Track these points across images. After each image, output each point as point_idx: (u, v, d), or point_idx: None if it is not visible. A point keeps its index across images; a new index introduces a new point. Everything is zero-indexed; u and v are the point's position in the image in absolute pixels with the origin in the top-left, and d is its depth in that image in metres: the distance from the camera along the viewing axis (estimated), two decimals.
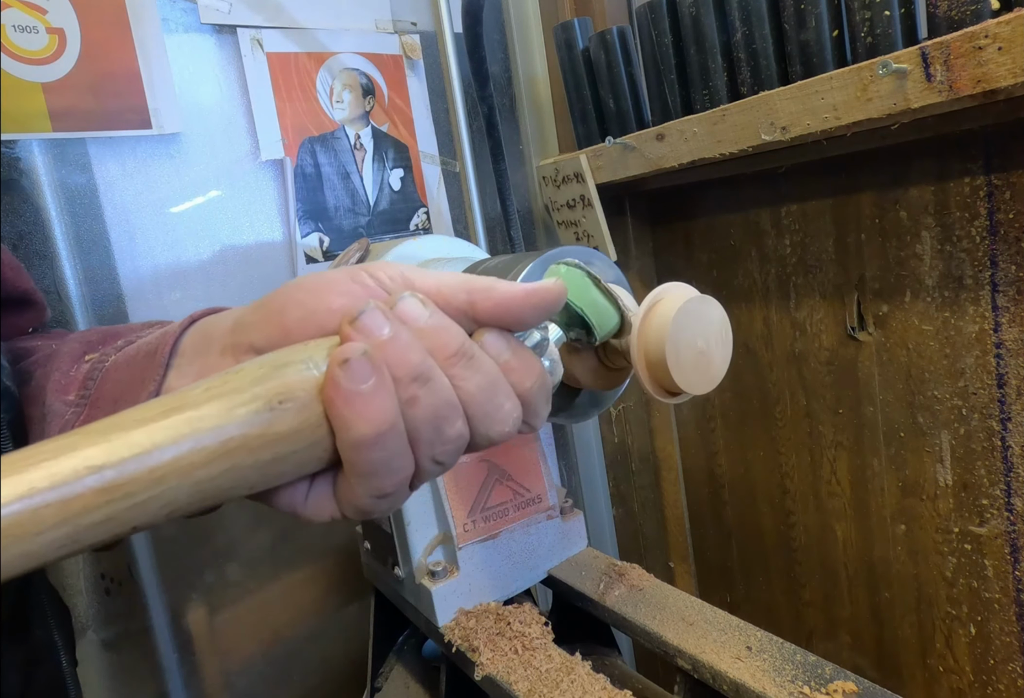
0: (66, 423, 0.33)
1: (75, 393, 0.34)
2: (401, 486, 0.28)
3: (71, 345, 0.37)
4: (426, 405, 0.27)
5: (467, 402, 0.28)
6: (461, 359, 0.27)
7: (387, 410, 0.25)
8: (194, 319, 0.33)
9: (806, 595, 0.91)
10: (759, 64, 0.68)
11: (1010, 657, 0.70)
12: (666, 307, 0.38)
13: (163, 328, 0.35)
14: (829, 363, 0.80)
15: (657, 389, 0.40)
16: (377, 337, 0.26)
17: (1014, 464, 0.66)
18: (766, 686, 0.46)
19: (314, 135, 0.86)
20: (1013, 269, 0.62)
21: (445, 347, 0.27)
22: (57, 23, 0.68)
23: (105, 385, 0.34)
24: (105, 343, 0.37)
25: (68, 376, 0.35)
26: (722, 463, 0.98)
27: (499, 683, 0.53)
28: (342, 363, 0.25)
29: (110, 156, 0.73)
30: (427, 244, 0.63)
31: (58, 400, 0.34)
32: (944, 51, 0.52)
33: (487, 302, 0.28)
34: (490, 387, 0.28)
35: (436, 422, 0.27)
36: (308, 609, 0.89)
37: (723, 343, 0.41)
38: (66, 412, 0.33)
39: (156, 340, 0.33)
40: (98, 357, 0.35)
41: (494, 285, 0.29)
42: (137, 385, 0.32)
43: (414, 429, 0.27)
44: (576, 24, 0.87)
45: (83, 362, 0.35)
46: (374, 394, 0.25)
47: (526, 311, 0.29)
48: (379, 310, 0.26)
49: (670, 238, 0.96)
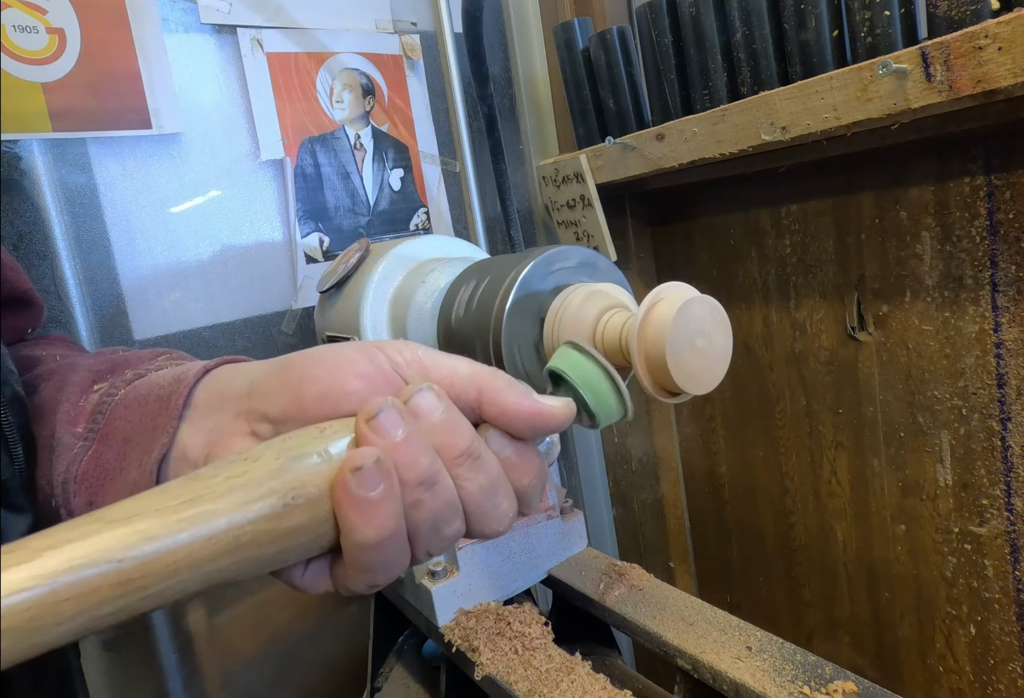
0: (74, 457, 0.33)
1: (83, 425, 0.34)
2: (395, 576, 0.29)
3: (80, 374, 0.37)
4: (429, 508, 0.28)
5: (467, 502, 0.29)
6: (467, 459, 0.28)
7: (393, 516, 0.26)
8: (208, 369, 0.33)
9: (806, 595, 0.91)
10: (759, 64, 0.68)
11: (1010, 657, 0.70)
12: (666, 307, 0.38)
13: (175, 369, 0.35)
14: (829, 363, 0.80)
15: (657, 389, 0.40)
16: (391, 439, 0.26)
17: (1014, 464, 0.66)
18: (766, 686, 0.46)
19: (314, 135, 0.86)
20: (1013, 269, 0.62)
21: (453, 446, 0.28)
22: (57, 23, 0.68)
23: (114, 421, 0.34)
24: (114, 372, 0.37)
25: (77, 407, 0.35)
26: (722, 463, 0.98)
27: (499, 683, 0.53)
28: (354, 470, 0.25)
29: (110, 156, 0.73)
30: (427, 244, 0.63)
31: (67, 432, 0.34)
32: (944, 51, 0.52)
33: (492, 408, 0.29)
34: (491, 487, 0.29)
35: (436, 523, 0.28)
36: (308, 609, 0.89)
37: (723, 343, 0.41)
38: (75, 445, 0.34)
39: (169, 385, 0.33)
40: (107, 388, 0.36)
41: (503, 392, 0.29)
42: (148, 431, 0.32)
43: (414, 529, 0.28)
44: (576, 24, 0.87)
45: (92, 392, 0.36)
46: (382, 501, 0.26)
47: (526, 429, 0.30)
48: (396, 410, 0.27)
49: (670, 238, 0.96)
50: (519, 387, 0.30)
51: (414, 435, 0.27)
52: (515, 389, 0.29)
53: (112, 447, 0.33)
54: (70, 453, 0.33)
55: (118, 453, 0.33)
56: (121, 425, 0.34)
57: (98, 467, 0.33)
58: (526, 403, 0.29)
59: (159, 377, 0.35)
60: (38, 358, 0.44)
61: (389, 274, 0.60)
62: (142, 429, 0.32)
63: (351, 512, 0.25)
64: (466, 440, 0.28)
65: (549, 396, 0.30)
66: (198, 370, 0.33)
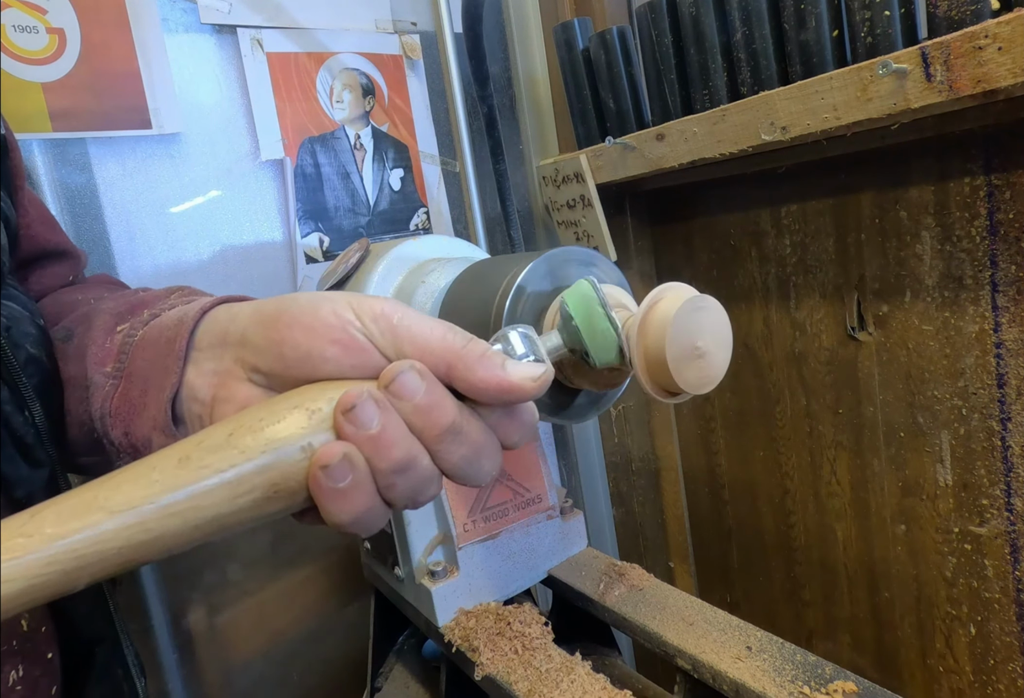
0: (106, 394, 0.37)
1: (111, 365, 0.38)
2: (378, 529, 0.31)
3: (103, 317, 0.40)
4: (403, 488, 0.29)
5: (448, 470, 0.30)
6: (448, 435, 0.29)
7: (364, 501, 0.28)
8: (204, 310, 0.36)
9: (806, 595, 0.91)
10: (759, 64, 0.68)
11: (1010, 657, 0.70)
12: (666, 307, 0.38)
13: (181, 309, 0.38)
14: (829, 363, 0.80)
15: (657, 389, 0.40)
16: (365, 432, 0.28)
17: (1014, 464, 0.66)
18: (766, 686, 0.46)
19: (314, 135, 0.86)
20: (1013, 269, 0.62)
21: (436, 425, 0.29)
22: (57, 23, 0.68)
23: (135, 361, 0.37)
24: (133, 313, 0.40)
25: (104, 348, 0.39)
26: (722, 463, 0.98)
27: (499, 683, 0.53)
28: (323, 467, 0.27)
29: (110, 156, 0.73)
30: (427, 244, 0.63)
31: (97, 372, 0.38)
32: (944, 51, 0.52)
33: (462, 384, 0.30)
34: (473, 456, 0.30)
35: (412, 495, 0.30)
36: (308, 609, 0.89)
37: (723, 343, 0.41)
38: (105, 384, 0.37)
39: (173, 327, 0.36)
40: (127, 329, 0.39)
41: (472, 368, 0.29)
42: (161, 371, 0.35)
43: (391, 501, 0.30)
44: (576, 24, 0.87)
45: (115, 333, 0.39)
46: (351, 490, 0.28)
47: (497, 403, 0.30)
48: (372, 401, 0.28)
49: (670, 238, 0.96)
50: (490, 359, 0.30)
51: (389, 425, 0.28)
52: (484, 363, 0.30)
53: (135, 385, 0.37)
54: (102, 391, 0.37)
55: (140, 391, 0.36)
56: (140, 365, 0.37)
57: (126, 403, 0.37)
58: (494, 379, 0.29)
59: (168, 318, 0.37)
60: (76, 302, 0.47)
61: (389, 274, 0.60)
62: (156, 369, 0.35)
63: (324, 501, 0.28)
64: (448, 417, 0.29)
65: (523, 363, 0.31)
66: (196, 312, 0.35)
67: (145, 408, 0.36)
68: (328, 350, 0.30)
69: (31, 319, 0.41)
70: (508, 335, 0.33)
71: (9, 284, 0.43)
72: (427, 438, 0.29)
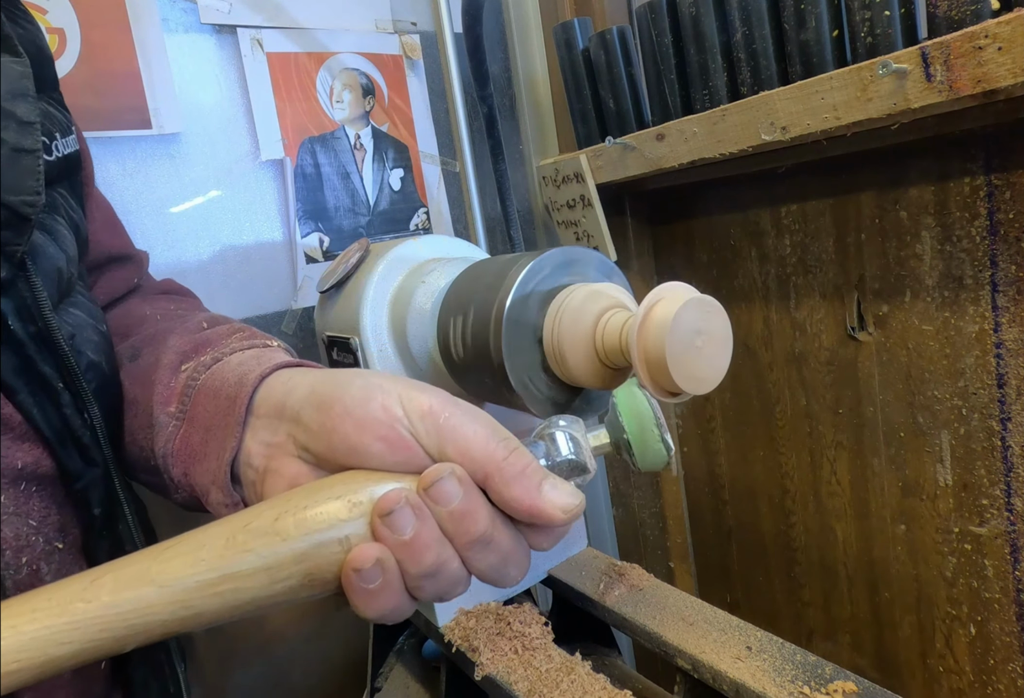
0: (169, 435, 0.40)
1: (175, 406, 0.40)
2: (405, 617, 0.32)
3: (169, 356, 0.43)
4: (431, 589, 0.30)
5: (476, 574, 0.31)
6: (479, 544, 0.30)
7: (392, 600, 0.30)
8: (263, 376, 0.37)
9: (806, 595, 0.91)
10: (759, 64, 0.68)
11: (1010, 657, 0.70)
12: (666, 307, 0.38)
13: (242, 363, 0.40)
14: (829, 363, 0.80)
15: (657, 389, 0.40)
16: (400, 537, 0.29)
17: (1014, 464, 0.66)
18: (766, 686, 0.46)
19: (314, 135, 0.86)
20: (1013, 269, 0.62)
21: (467, 533, 0.30)
22: (57, 23, 0.68)
23: (197, 407, 0.40)
24: (197, 352, 0.43)
25: (169, 388, 0.41)
26: (722, 463, 0.98)
27: (499, 683, 0.53)
28: (355, 570, 0.28)
29: (110, 156, 0.73)
30: (427, 244, 0.63)
31: (163, 412, 0.40)
32: (944, 51, 0.52)
33: (496, 496, 0.30)
34: (501, 564, 0.31)
35: (439, 594, 0.31)
36: (308, 609, 0.89)
37: (723, 343, 0.41)
38: (169, 424, 0.40)
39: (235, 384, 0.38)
40: (191, 371, 0.41)
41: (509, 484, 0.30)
42: (221, 428, 0.37)
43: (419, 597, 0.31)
44: (576, 24, 0.87)
45: (180, 372, 0.42)
46: (380, 591, 0.29)
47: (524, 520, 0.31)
48: (409, 507, 0.29)
49: (670, 238, 0.96)
50: (528, 477, 0.30)
51: (423, 532, 0.29)
52: (522, 481, 0.30)
53: (197, 431, 0.39)
54: (165, 431, 0.40)
55: (201, 439, 0.38)
56: (202, 412, 0.39)
57: (187, 447, 0.39)
58: (527, 500, 0.30)
59: (229, 370, 0.40)
60: (144, 318, 0.50)
61: (389, 274, 0.60)
62: (216, 423, 0.38)
63: (354, 597, 0.29)
64: (480, 527, 0.30)
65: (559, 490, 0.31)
66: (255, 378, 0.37)
67: (205, 458, 0.38)
68: (374, 446, 0.31)
69: (95, 326, 0.44)
70: (555, 435, 0.33)
71: (78, 291, 0.45)
72: (458, 544, 0.30)
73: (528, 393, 0.46)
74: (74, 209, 0.47)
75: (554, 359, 0.45)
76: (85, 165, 0.51)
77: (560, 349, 0.44)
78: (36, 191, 0.36)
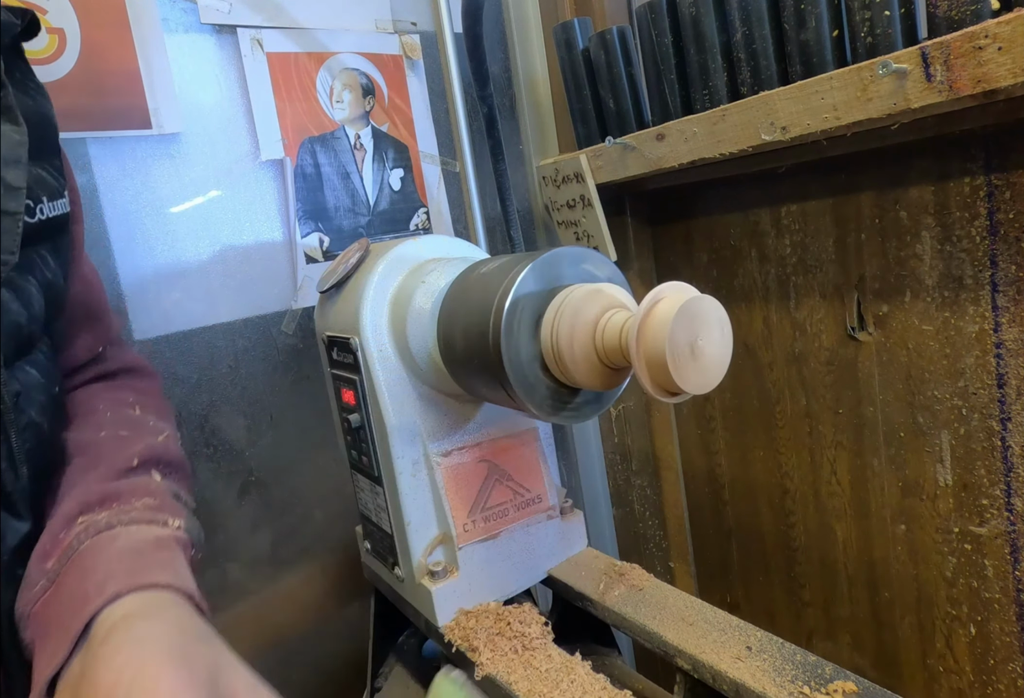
0: (34, 596, 0.38)
1: (53, 562, 0.39)
2: None
3: (70, 504, 0.42)
4: None
5: None
6: None
7: None
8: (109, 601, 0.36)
9: (806, 595, 0.91)
10: (759, 64, 0.68)
11: (1010, 657, 0.70)
12: (666, 307, 0.38)
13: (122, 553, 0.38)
14: (829, 363, 0.80)
15: (657, 389, 0.40)
16: None
17: (1014, 464, 0.66)
18: (766, 686, 0.46)
19: (314, 135, 0.86)
20: (1013, 269, 0.62)
21: None
22: (57, 23, 0.68)
23: (68, 576, 0.38)
24: (102, 504, 0.42)
25: (56, 539, 0.40)
26: (722, 463, 0.98)
27: (499, 683, 0.53)
28: None
29: (110, 156, 0.73)
30: (427, 244, 0.63)
31: (37, 568, 0.39)
32: (944, 51, 0.52)
33: None
34: None
35: None
36: (308, 609, 0.89)
37: (723, 343, 0.41)
38: (38, 583, 0.38)
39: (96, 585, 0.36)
40: (84, 528, 0.40)
41: None
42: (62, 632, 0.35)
43: None
44: (576, 24, 0.87)
45: (75, 525, 0.40)
46: None
47: None
48: None
49: (670, 238, 0.96)
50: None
51: None
52: None
53: (57, 601, 0.37)
54: (32, 590, 0.38)
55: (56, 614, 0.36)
56: (68, 585, 0.37)
57: (44, 617, 0.37)
58: None
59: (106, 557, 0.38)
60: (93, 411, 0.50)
61: (389, 274, 0.60)
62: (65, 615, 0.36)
63: None
64: None
65: None
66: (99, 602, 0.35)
67: (44, 650, 0.36)
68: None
69: (46, 386, 0.44)
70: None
71: (40, 350, 0.45)
72: None
73: (527, 393, 0.46)
74: (51, 269, 0.47)
75: (553, 359, 0.45)
76: (75, 228, 0.52)
77: (560, 349, 0.44)
78: (11, 251, 0.37)
